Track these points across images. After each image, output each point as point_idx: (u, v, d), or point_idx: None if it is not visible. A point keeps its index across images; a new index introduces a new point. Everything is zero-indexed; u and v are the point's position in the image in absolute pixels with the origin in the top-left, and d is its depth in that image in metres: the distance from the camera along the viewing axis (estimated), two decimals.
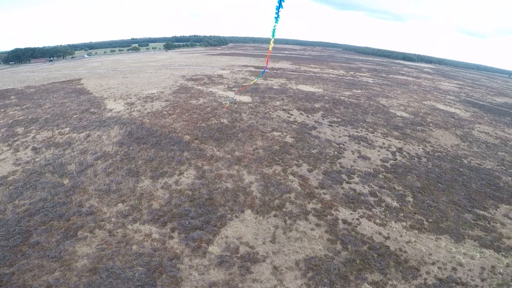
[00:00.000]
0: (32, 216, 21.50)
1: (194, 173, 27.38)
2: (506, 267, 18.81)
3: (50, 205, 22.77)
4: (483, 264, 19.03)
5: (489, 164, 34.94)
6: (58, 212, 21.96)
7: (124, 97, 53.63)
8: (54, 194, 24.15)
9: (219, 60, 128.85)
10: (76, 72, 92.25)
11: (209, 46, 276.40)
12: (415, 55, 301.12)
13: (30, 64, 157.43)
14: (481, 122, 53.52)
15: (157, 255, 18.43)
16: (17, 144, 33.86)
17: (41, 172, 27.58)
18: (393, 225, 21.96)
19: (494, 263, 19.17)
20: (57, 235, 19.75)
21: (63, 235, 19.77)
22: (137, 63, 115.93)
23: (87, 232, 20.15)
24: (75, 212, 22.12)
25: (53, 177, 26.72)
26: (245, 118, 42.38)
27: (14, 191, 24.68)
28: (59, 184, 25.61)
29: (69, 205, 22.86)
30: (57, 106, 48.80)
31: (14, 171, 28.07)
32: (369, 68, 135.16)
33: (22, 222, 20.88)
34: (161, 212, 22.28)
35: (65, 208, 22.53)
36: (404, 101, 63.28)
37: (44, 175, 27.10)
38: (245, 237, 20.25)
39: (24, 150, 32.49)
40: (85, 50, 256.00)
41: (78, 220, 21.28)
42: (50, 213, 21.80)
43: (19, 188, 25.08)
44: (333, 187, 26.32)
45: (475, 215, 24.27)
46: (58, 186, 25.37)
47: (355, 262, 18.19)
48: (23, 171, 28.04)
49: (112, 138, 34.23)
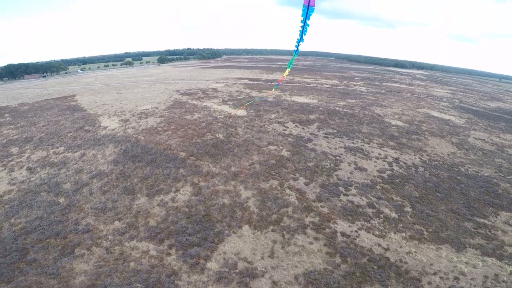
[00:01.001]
0: (29, 234, 21.96)
1: (190, 189, 27.91)
2: (509, 274, 19.25)
3: (46, 223, 23.24)
4: (486, 272, 19.45)
5: (487, 171, 35.97)
6: (55, 230, 22.41)
7: (118, 113, 54.64)
8: (50, 213, 24.62)
9: (213, 73, 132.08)
10: (70, 88, 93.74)
11: (202, 59, 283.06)
12: (407, 62, 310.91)
13: (24, 80, 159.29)
14: (476, 129, 55.33)
15: (155, 271, 18.77)
16: (12, 164, 34.30)
17: (37, 191, 28.07)
18: (393, 236, 22.50)
19: (497, 271, 19.60)
20: (54, 252, 20.20)
21: (60, 252, 20.21)
22: (131, 78, 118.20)
23: (84, 250, 20.55)
24: (71, 230, 22.54)
25: (49, 196, 27.20)
26: (241, 133, 43.43)
27: (10, 210, 25.22)
28: (55, 203, 26.06)
29: (66, 223, 23.31)
30: (51, 124, 49.49)
31: (9, 190, 28.61)
32: (362, 77, 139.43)
33: (18, 240, 21.38)
34: (158, 229, 22.65)
35: (61, 226, 22.98)
36: (398, 110, 65.33)
37: (40, 194, 27.58)
38: (243, 252, 20.62)
39: (19, 170, 32.96)
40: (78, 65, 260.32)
41: (75, 237, 21.71)
42: (47, 231, 22.26)
43: (15, 207, 25.63)
44: (330, 199, 26.99)
45: (475, 223, 24.88)
46: (54, 204, 25.83)
47: (355, 274, 18.60)
48: (18, 190, 28.55)
49: (107, 157, 34.81)
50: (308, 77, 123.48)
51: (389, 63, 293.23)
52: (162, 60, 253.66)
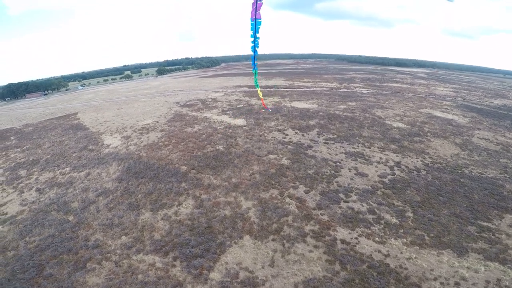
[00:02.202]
0: (43, 251, 23.96)
1: (192, 203, 29.39)
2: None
3: (58, 240, 25.26)
4: (488, 277, 19.89)
5: (491, 173, 36.28)
6: (67, 247, 24.35)
7: (120, 130, 57.01)
8: (61, 230, 26.64)
9: (212, 82, 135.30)
10: (72, 106, 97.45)
11: (201, 68, 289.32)
12: (408, 60, 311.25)
13: (26, 100, 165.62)
14: (481, 128, 55.82)
15: (162, 283, 20.24)
16: (22, 186, 36.72)
17: (47, 211, 30.21)
18: (393, 242, 23.35)
19: (499, 276, 19.99)
20: (68, 268, 22.06)
21: (73, 267, 22.05)
22: (131, 92, 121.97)
23: (95, 264, 22.30)
24: (82, 246, 24.39)
25: (59, 215, 29.27)
26: (241, 143, 45.00)
27: (24, 229, 27.41)
28: (65, 221, 28.09)
29: (76, 240, 25.26)
30: (56, 145, 52.06)
31: (21, 210, 30.92)
32: (363, 78, 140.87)
33: (34, 257, 23.37)
34: (162, 242, 24.16)
35: (72, 242, 24.92)
36: (400, 111, 66.29)
37: (50, 213, 29.70)
38: (244, 262, 21.83)
39: (28, 191, 35.26)
40: (78, 81, 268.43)
41: (86, 253, 23.56)
42: (60, 248, 24.24)
43: (28, 226, 27.81)
44: (330, 207, 28.07)
45: (478, 227, 25.35)
46: (64, 222, 27.86)
47: (354, 281, 19.56)
48: (29, 210, 30.77)
49: (111, 175, 36.72)
50: (308, 80, 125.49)
51: (389, 62, 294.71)
52: (161, 72, 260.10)
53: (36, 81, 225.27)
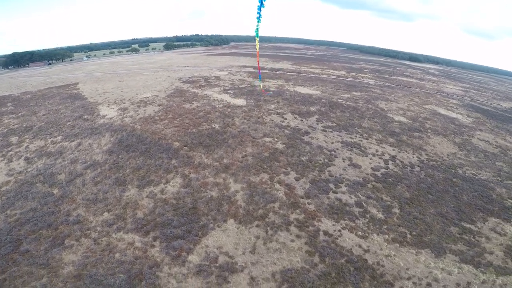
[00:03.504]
0: (23, 226, 22.95)
1: (180, 181, 28.30)
2: (481, 283, 19.06)
3: (39, 214, 24.18)
4: (459, 280, 19.30)
5: (485, 175, 34.82)
6: (47, 222, 23.32)
7: (118, 102, 55.04)
8: (44, 204, 25.56)
9: (218, 60, 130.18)
10: (74, 76, 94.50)
11: (210, 46, 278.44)
12: (422, 56, 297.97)
13: (29, 68, 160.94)
14: (482, 129, 53.20)
15: (138, 263, 19.57)
16: (11, 154, 35.39)
17: (32, 182, 29.03)
18: (375, 237, 22.41)
19: (470, 279, 19.41)
20: (45, 244, 21.16)
21: (51, 244, 21.15)
22: (135, 65, 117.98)
23: (74, 241, 21.45)
24: (63, 221, 23.43)
25: (44, 187, 28.14)
26: (237, 123, 43.19)
27: (6, 201, 26.25)
28: (49, 194, 27.00)
29: (58, 215, 24.23)
30: (51, 113, 50.40)
31: (7, 181, 29.63)
32: (372, 69, 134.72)
33: (13, 231, 22.40)
34: (144, 221, 23.30)
35: (53, 217, 23.90)
36: (404, 105, 63.30)
37: (35, 185, 28.54)
38: (225, 246, 21.08)
39: (17, 160, 34.00)
40: (84, 52, 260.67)
41: (66, 229, 22.60)
42: (40, 223, 23.21)
43: (11, 198, 26.66)
44: (318, 196, 26.91)
45: (461, 228, 24.42)
46: (48, 195, 26.76)
47: (330, 275, 18.80)
48: (15, 181, 29.54)
49: (102, 147, 35.45)
50: (316, 67, 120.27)
51: (403, 56, 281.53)
52: (168, 47, 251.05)
53: (42, 51, 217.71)
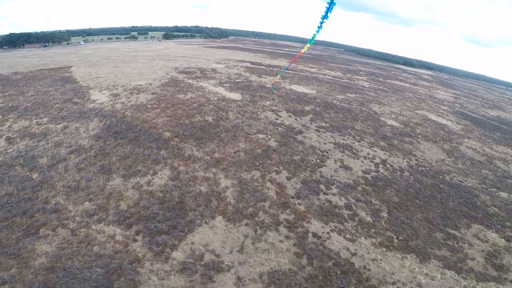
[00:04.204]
0: None
1: (168, 173, 26.87)
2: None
3: (15, 200, 22.26)
4: (442, 285, 18.98)
5: (471, 182, 34.93)
6: (22, 208, 21.47)
7: (110, 87, 52.45)
8: (21, 189, 23.58)
9: (216, 53, 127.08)
10: (68, 59, 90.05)
11: (209, 38, 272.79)
12: (416, 61, 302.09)
13: (24, 49, 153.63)
14: (471, 137, 53.65)
15: (118, 257, 18.20)
16: None
17: (11, 165, 26.90)
18: (363, 241, 21.79)
19: (452, 285, 19.12)
20: (18, 232, 19.37)
21: (24, 232, 19.39)
22: (132, 52, 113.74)
23: (49, 230, 19.77)
24: (39, 209, 21.62)
25: (23, 171, 26.08)
26: (231, 117, 41.77)
27: None
28: (28, 178, 25.01)
29: (35, 201, 22.36)
30: (40, 94, 47.52)
31: None
32: (368, 72, 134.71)
33: None
34: (128, 213, 21.85)
35: (30, 204, 22.04)
36: (396, 109, 63.17)
37: (14, 168, 26.44)
38: (212, 244, 19.97)
39: None
40: (82, 37, 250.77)
41: (42, 217, 20.84)
42: (14, 209, 21.33)
43: None
44: (309, 197, 26.07)
45: (445, 234, 24.17)
46: (26, 180, 24.78)
47: (317, 278, 18.04)
48: None
49: (89, 131, 33.43)
50: (312, 66, 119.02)
51: (398, 60, 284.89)
52: (167, 36, 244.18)
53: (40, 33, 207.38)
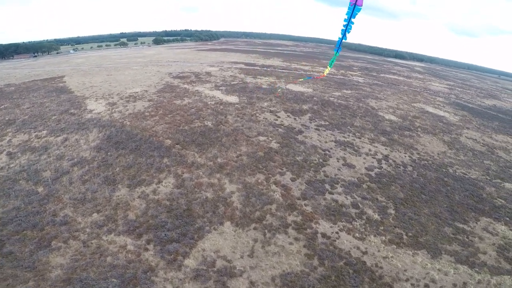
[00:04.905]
0: (5, 226, 21.29)
1: (173, 181, 27.02)
2: (477, 283, 19.21)
3: (23, 214, 22.48)
4: (456, 280, 19.37)
5: (474, 174, 35.43)
6: (32, 222, 21.71)
7: (106, 96, 52.29)
8: (28, 203, 23.75)
9: (208, 56, 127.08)
10: (60, 69, 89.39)
11: (200, 41, 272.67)
12: (407, 53, 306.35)
13: (13, 60, 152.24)
14: (469, 127, 54.62)
15: (132, 267, 18.41)
16: None
17: (15, 179, 27.00)
18: (372, 239, 22.19)
19: (466, 279, 19.52)
20: (30, 245, 19.68)
21: (37, 245, 19.69)
22: (124, 59, 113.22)
23: (61, 243, 20.02)
24: (49, 221, 21.84)
25: (28, 185, 26.18)
26: (231, 121, 42.00)
27: None
28: (34, 192, 25.13)
29: (43, 215, 22.58)
30: (36, 106, 47.23)
31: None
32: (361, 67, 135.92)
33: None
34: (137, 223, 22.02)
35: (39, 217, 22.26)
36: (393, 103, 63.99)
37: (18, 182, 26.54)
38: (223, 250, 20.21)
39: None
40: (71, 45, 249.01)
41: (52, 230, 21.08)
42: (24, 223, 21.56)
43: None
44: (315, 198, 26.43)
45: (455, 228, 24.57)
46: (32, 194, 24.90)
47: (330, 278, 18.40)
48: None
49: (90, 143, 33.40)
50: (306, 64, 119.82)
51: (389, 53, 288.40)
52: (158, 41, 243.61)
53: (28, 43, 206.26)
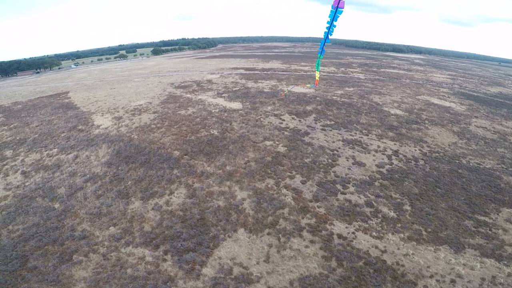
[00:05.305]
0: (27, 241, 22.11)
1: (184, 191, 27.39)
2: (507, 276, 18.85)
3: (43, 229, 23.28)
4: (484, 274, 19.06)
5: (489, 163, 34.92)
6: (52, 237, 22.46)
7: (111, 110, 53.40)
8: (46, 219, 24.56)
9: (208, 63, 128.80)
10: (63, 85, 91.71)
11: (197, 49, 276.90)
12: (405, 46, 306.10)
13: (17, 77, 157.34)
14: (478, 116, 54.07)
15: (152, 278, 18.82)
16: (7, 168, 34.07)
17: (32, 197, 27.89)
18: (390, 237, 22.08)
19: (495, 273, 19.20)
20: (53, 260, 20.41)
21: (59, 260, 20.39)
22: (125, 72, 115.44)
23: (82, 256, 20.66)
24: (68, 236, 22.55)
25: (44, 202, 27.03)
26: (236, 128, 42.42)
27: (7, 216, 25.30)
28: (51, 209, 25.93)
29: (62, 230, 23.31)
30: (44, 124, 48.57)
31: (5, 196, 28.57)
32: (360, 63, 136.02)
33: (18, 247, 21.61)
34: (153, 234, 22.41)
35: (58, 232, 23.00)
36: (397, 97, 63.78)
37: (35, 200, 27.40)
38: (238, 257, 20.38)
39: (14, 174, 32.74)
40: (72, 60, 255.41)
41: (72, 244, 21.77)
42: (44, 238, 22.35)
43: (12, 213, 25.72)
44: (327, 199, 26.47)
45: (475, 221, 24.21)
46: (49, 210, 25.71)
47: (350, 279, 18.36)
48: (14, 196, 28.47)
49: (100, 158, 34.13)
50: (305, 64, 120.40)
51: (386, 47, 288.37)
52: (156, 52, 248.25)
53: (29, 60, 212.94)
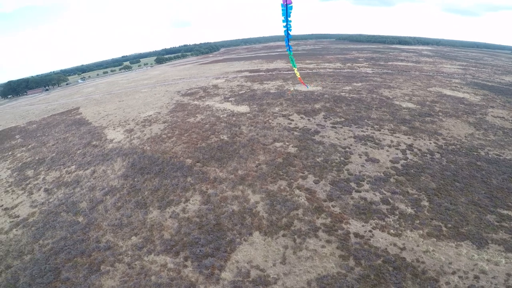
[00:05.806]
0: (58, 254, 23.70)
1: (199, 198, 28.37)
2: None
3: (71, 242, 24.92)
4: (509, 270, 18.69)
5: (509, 154, 33.94)
6: (80, 249, 23.99)
7: (122, 123, 55.54)
8: (73, 232, 26.24)
9: (212, 68, 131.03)
10: (73, 101, 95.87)
11: (200, 55, 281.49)
12: (411, 38, 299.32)
13: (28, 96, 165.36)
14: (494, 106, 52.64)
15: (175, 284, 19.73)
16: (30, 187, 36.32)
17: (57, 212, 29.76)
18: (409, 234, 22.07)
19: None
20: (83, 271, 21.82)
21: (88, 270, 21.76)
22: (131, 83, 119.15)
23: (109, 266, 21.92)
24: (94, 248, 23.95)
25: (68, 216, 28.81)
26: (245, 131, 43.26)
27: (37, 231, 27.15)
28: (75, 222, 27.60)
29: (88, 242, 24.82)
30: (60, 142, 51.21)
31: (32, 212, 30.58)
32: (366, 57, 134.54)
33: (50, 260, 23.18)
34: (172, 242, 23.44)
35: (84, 244, 24.52)
36: (408, 90, 62.95)
37: (60, 215, 29.24)
38: (255, 260, 20.99)
39: (37, 192, 34.84)
40: (78, 75, 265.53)
41: (99, 255, 23.14)
42: (73, 250, 23.91)
43: (40, 228, 27.52)
44: (342, 198, 26.74)
45: (498, 215, 23.71)
46: (74, 224, 27.39)
47: (369, 277, 18.60)
48: (40, 212, 30.39)
49: (116, 172, 35.77)
50: (310, 62, 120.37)
51: (392, 40, 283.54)
52: (160, 61, 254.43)
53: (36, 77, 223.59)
